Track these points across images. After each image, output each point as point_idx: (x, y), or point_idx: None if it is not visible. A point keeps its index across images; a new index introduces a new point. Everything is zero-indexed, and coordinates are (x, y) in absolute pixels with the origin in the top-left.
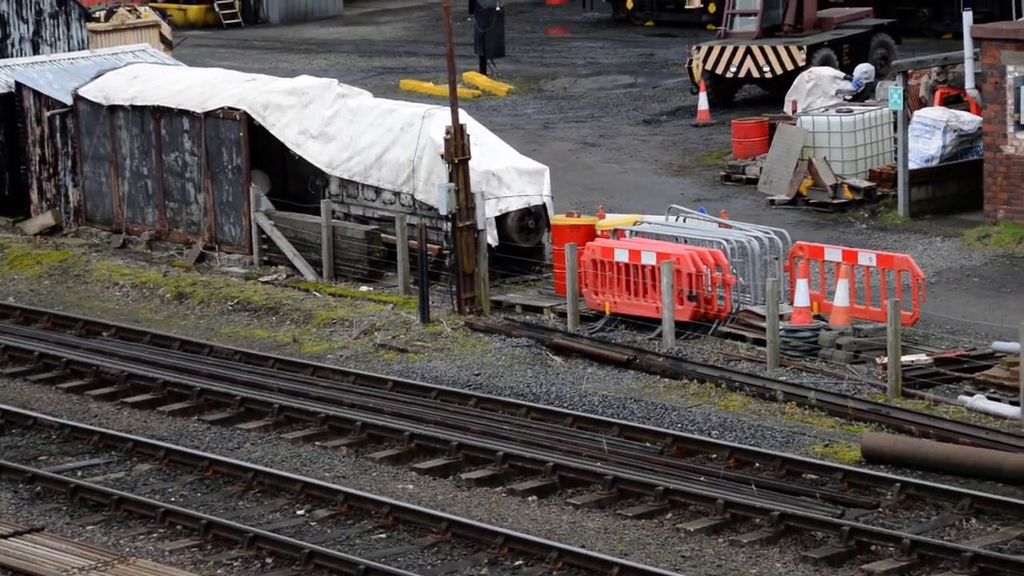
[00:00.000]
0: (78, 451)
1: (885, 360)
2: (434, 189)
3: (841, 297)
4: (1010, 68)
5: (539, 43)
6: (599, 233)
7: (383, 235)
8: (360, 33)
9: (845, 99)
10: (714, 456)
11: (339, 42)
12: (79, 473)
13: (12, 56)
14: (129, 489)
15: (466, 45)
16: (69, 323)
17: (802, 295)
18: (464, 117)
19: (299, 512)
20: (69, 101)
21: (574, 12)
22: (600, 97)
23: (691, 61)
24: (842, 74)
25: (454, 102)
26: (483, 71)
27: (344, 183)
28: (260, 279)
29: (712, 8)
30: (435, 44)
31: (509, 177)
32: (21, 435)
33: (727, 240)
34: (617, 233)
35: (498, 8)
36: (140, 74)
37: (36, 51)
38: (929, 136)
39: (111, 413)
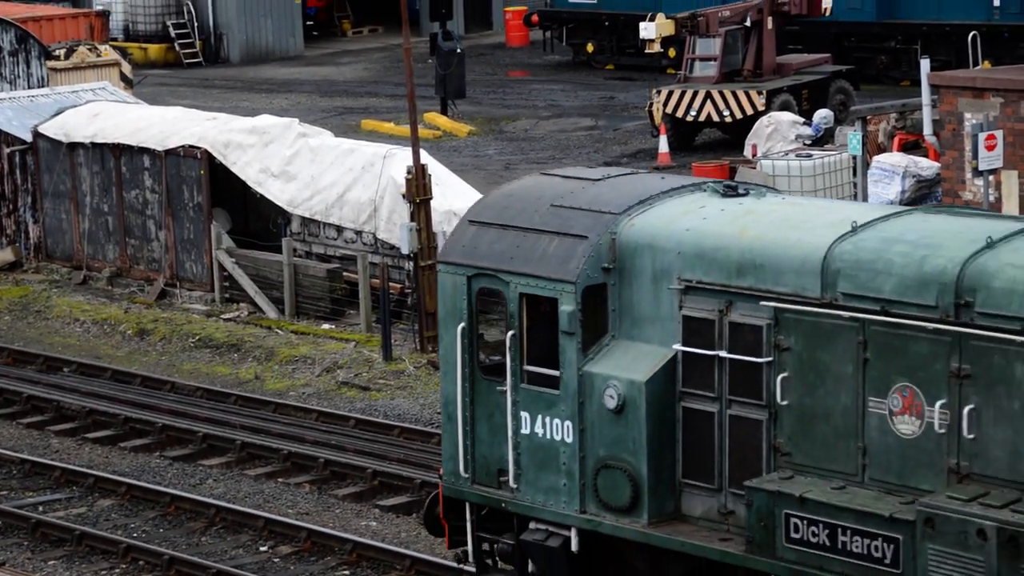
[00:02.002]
0: (39, 486)
1: None
2: (396, 228)
3: None
4: (967, 115)
5: (500, 85)
6: None
7: (345, 273)
8: (321, 73)
9: (804, 144)
10: None
11: (300, 82)
12: (40, 508)
13: None
14: (91, 524)
15: (427, 86)
16: (30, 359)
17: None
18: (425, 157)
19: (262, 548)
20: (29, 138)
21: (534, 55)
22: (561, 139)
23: (651, 104)
24: (801, 119)
25: (415, 142)
26: (444, 112)
27: (306, 221)
28: (222, 316)
29: (672, 52)
30: (396, 85)
31: None
32: None
33: None
34: None
35: (459, 50)
36: (100, 112)
37: None
38: (888, 181)
39: (72, 448)
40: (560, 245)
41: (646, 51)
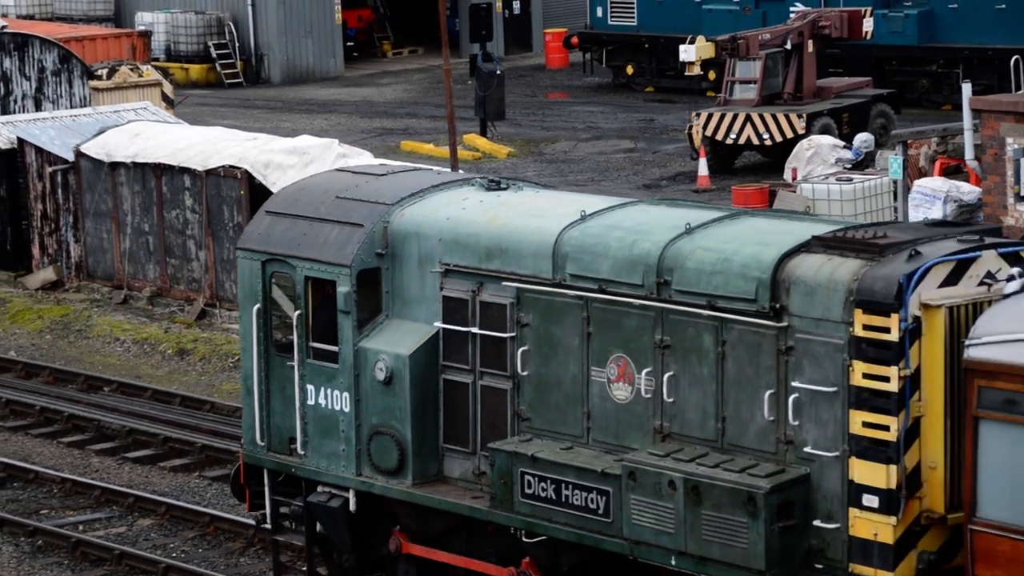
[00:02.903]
0: (79, 505)
1: None
2: None
3: None
4: (1009, 140)
5: (539, 107)
6: None
7: None
8: (361, 94)
9: (845, 167)
10: None
11: (340, 103)
12: (80, 527)
13: (14, 113)
14: (130, 544)
15: (467, 108)
16: (70, 378)
17: None
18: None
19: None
20: (71, 157)
21: (574, 77)
22: (600, 161)
23: (691, 127)
24: (842, 143)
25: (454, 163)
26: (483, 134)
27: None
28: None
29: (712, 75)
30: (436, 106)
31: None
32: (23, 488)
33: None
34: None
35: (499, 72)
36: (142, 132)
37: (38, 108)
38: (929, 206)
39: (112, 468)
40: (340, 233)
41: (686, 73)
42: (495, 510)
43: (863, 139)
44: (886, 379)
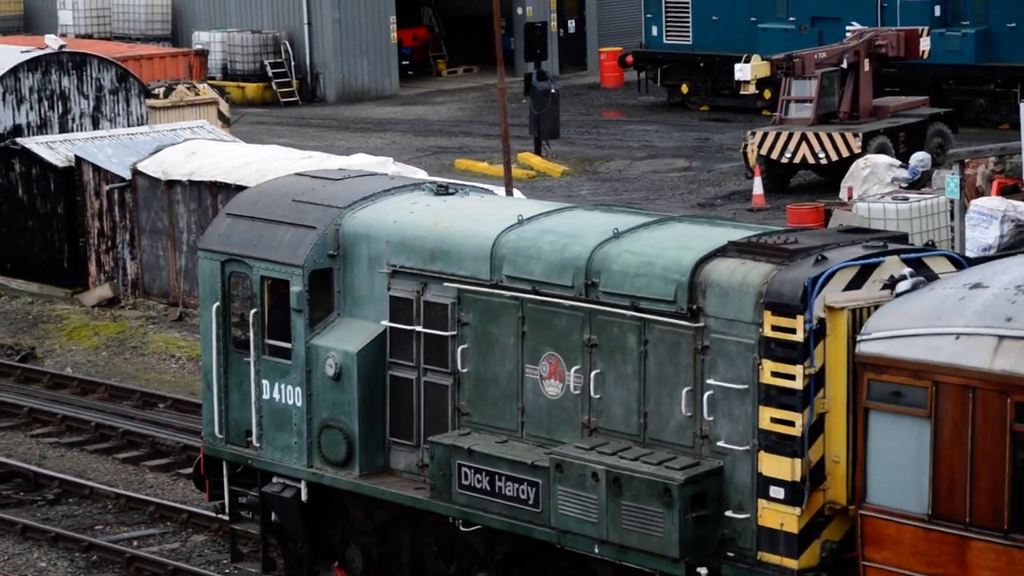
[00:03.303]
0: (134, 521)
1: None
2: None
3: None
4: None
5: (594, 125)
6: None
7: None
8: (416, 112)
9: (901, 187)
10: None
11: (395, 121)
12: (135, 543)
13: (73, 131)
14: (184, 560)
15: (521, 126)
16: (126, 394)
17: None
18: (518, 197)
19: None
20: (128, 175)
21: (629, 96)
22: (655, 180)
23: (746, 146)
24: (898, 162)
25: (508, 182)
26: (538, 152)
27: None
28: None
29: (767, 94)
30: (490, 124)
31: None
32: (78, 504)
33: None
34: None
35: (553, 90)
36: (198, 150)
37: (96, 126)
38: (986, 225)
39: (167, 484)
40: (294, 234)
41: (741, 92)
42: (434, 500)
43: (919, 158)
44: (792, 377)
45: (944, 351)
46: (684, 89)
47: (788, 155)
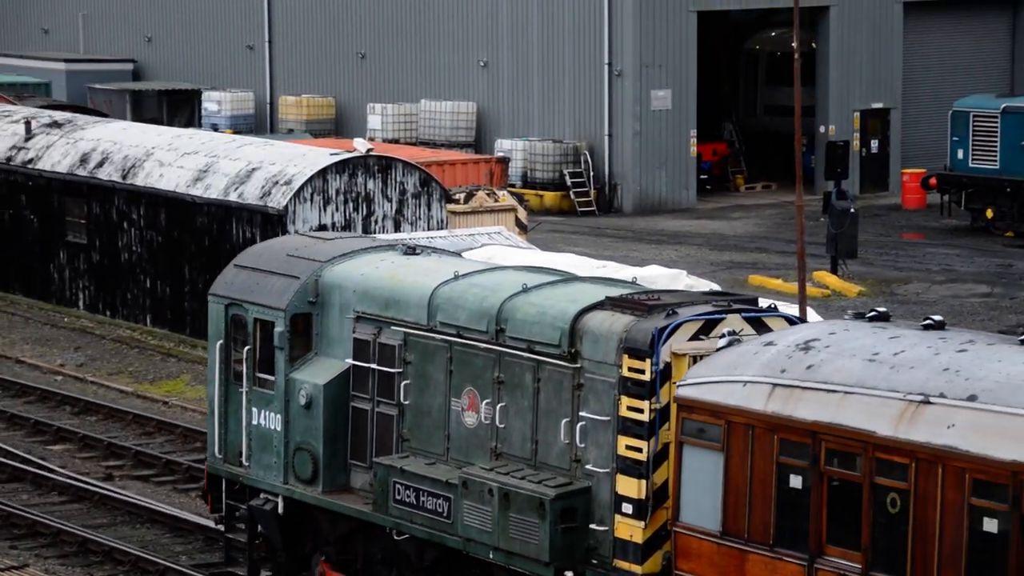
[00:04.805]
0: None
1: None
2: None
3: None
4: None
5: (893, 247)
6: None
7: None
8: (711, 227)
9: None
10: None
11: (690, 234)
12: None
13: (374, 233)
14: None
15: (818, 244)
16: None
17: None
18: (813, 316)
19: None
20: None
21: (931, 218)
22: (954, 305)
23: None
24: None
25: (802, 300)
26: (834, 271)
27: None
28: None
29: None
30: (786, 242)
31: None
32: None
33: None
34: None
35: (853, 210)
36: (494, 255)
37: (397, 229)
38: None
39: None
40: (281, 283)
41: None
42: (375, 512)
43: None
44: (641, 411)
45: (735, 396)
46: (989, 214)
47: None
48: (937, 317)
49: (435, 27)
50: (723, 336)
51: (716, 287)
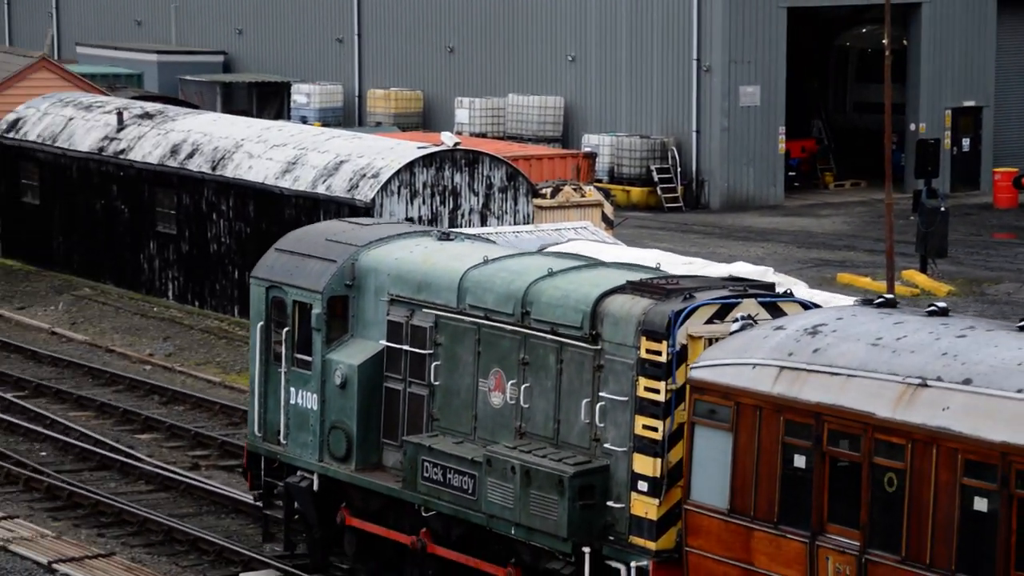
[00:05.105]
0: None
1: None
2: None
3: None
4: None
5: (984, 246)
6: None
7: None
8: (799, 224)
9: None
10: None
11: (778, 232)
12: None
13: (461, 226)
14: None
15: (907, 243)
16: None
17: None
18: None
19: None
20: None
21: (1023, 218)
22: None
23: None
24: None
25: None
26: (923, 270)
27: None
28: None
29: None
30: (875, 240)
31: None
32: None
33: None
34: None
35: (943, 208)
36: (579, 251)
37: (483, 222)
38: None
39: None
40: (320, 266)
41: None
42: (404, 490)
43: None
44: (658, 391)
45: (744, 378)
46: None
47: None
48: (941, 304)
49: (524, 21)
50: (737, 320)
51: (804, 285)
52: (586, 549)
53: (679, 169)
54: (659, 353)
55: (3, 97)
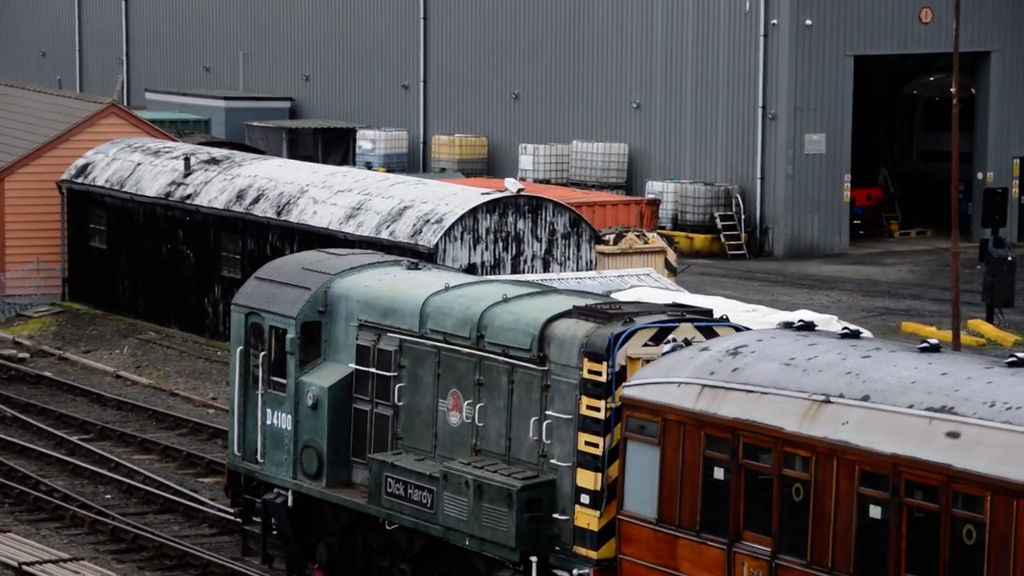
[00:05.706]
0: None
1: None
2: None
3: None
4: None
5: None
6: None
7: None
8: (864, 272)
9: None
10: None
11: (842, 280)
12: None
13: (523, 272)
14: None
15: (974, 292)
16: None
17: None
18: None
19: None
20: None
21: None
22: None
23: None
24: None
25: (956, 349)
26: (989, 320)
27: None
28: None
29: None
30: (941, 289)
31: None
32: None
33: None
34: None
35: (1010, 258)
36: (642, 297)
37: (546, 268)
38: None
39: None
40: (294, 293)
41: None
42: (370, 504)
43: None
44: (598, 410)
45: (670, 395)
46: None
47: None
48: (854, 327)
49: (589, 68)
50: (668, 342)
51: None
52: (533, 559)
53: (743, 216)
54: (599, 373)
55: (73, 143)
